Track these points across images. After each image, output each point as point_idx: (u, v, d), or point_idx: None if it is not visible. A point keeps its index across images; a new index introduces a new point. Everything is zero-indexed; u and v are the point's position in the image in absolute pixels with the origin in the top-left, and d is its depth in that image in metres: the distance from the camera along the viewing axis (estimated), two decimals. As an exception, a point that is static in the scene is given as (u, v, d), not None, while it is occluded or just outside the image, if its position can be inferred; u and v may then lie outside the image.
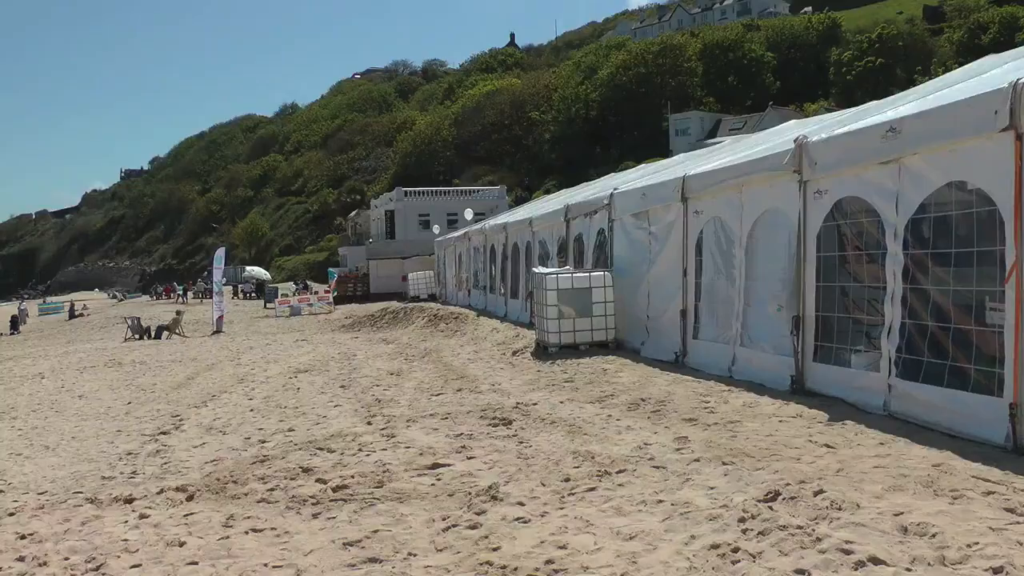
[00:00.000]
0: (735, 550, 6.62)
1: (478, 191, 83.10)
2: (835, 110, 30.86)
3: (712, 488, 8.20)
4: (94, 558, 8.16)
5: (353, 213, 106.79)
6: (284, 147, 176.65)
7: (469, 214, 50.65)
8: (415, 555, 7.32)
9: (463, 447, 10.88)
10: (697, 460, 9.25)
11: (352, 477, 9.85)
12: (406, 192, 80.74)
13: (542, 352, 19.36)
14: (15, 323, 60.52)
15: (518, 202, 74.09)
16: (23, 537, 9.05)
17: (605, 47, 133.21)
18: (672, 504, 7.85)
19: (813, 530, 6.74)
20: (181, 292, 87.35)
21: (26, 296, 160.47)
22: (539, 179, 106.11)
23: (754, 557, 6.48)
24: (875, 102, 15.92)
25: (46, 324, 67.76)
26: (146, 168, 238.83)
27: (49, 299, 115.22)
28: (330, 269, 73.84)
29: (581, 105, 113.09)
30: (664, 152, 79.46)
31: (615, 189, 20.69)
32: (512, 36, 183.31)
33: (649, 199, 18.40)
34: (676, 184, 16.83)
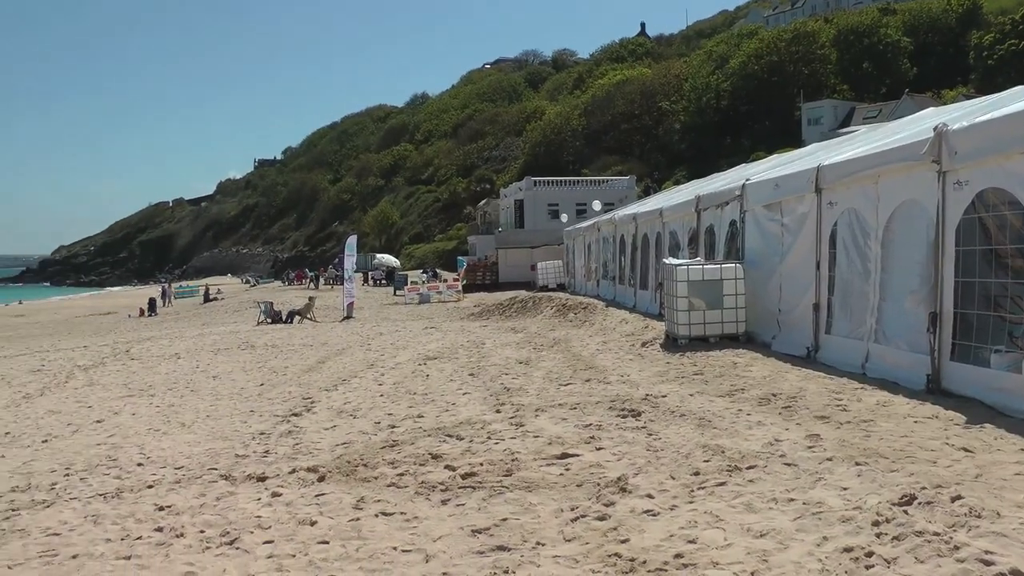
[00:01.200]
0: (869, 554, 6.49)
1: (607, 181, 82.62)
2: (975, 97, 29.89)
3: (845, 489, 8.05)
4: (228, 532, 8.37)
5: (482, 202, 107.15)
6: (414, 136, 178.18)
7: (598, 205, 50.57)
8: (543, 544, 7.34)
9: (592, 437, 10.88)
10: (830, 459, 9.08)
11: (481, 465, 9.92)
12: (535, 182, 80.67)
13: (671, 344, 19.23)
14: (153, 305, 62.25)
15: (647, 193, 73.63)
16: (161, 509, 9.35)
17: (737, 35, 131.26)
18: (804, 503, 7.73)
19: (951, 538, 6.56)
20: (313, 278, 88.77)
21: (164, 280, 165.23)
22: (668, 169, 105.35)
23: (888, 563, 6.34)
24: (1019, 87, 15.42)
25: (182, 307, 69.59)
26: (279, 158, 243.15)
27: (184, 283, 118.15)
28: (459, 257, 74.23)
29: (712, 95, 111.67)
30: (796, 142, 77.97)
31: (747, 179, 20.41)
32: (643, 25, 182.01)
33: (782, 190, 18.12)
34: (810, 175, 16.54)
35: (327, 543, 7.83)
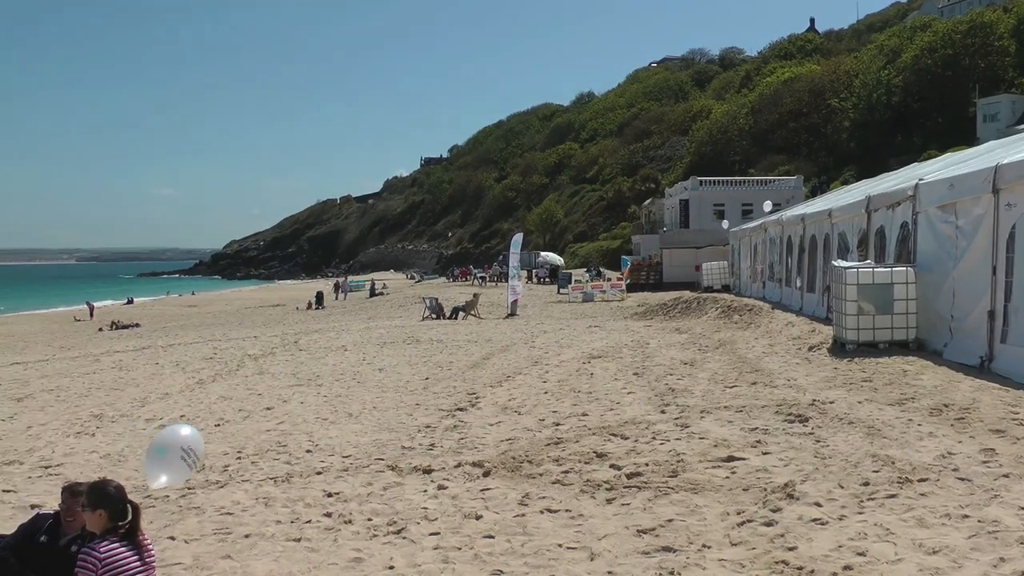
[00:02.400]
0: (1047, 578, 6.27)
1: (773, 181, 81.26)
2: None
3: (1023, 508, 7.78)
4: (395, 522, 8.55)
5: (647, 201, 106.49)
6: (580, 135, 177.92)
7: (768, 206, 49.66)
8: (709, 547, 7.30)
9: (758, 441, 10.74)
10: (1006, 476, 8.76)
11: (646, 465, 9.89)
12: (701, 181, 79.87)
13: (839, 349, 18.81)
14: (320, 298, 63.68)
15: (814, 193, 72.18)
16: (329, 495, 9.60)
17: (909, 28, 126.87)
18: (979, 521, 7.48)
19: None
20: (478, 275, 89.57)
21: (330, 273, 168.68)
22: (836, 169, 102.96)
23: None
24: None
25: (349, 301, 70.99)
26: (445, 156, 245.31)
27: (351, 278, 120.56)
28: (623, 257, 73.99)
29: (882, 91, 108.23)
30: (970, 140, 75.18)
31: (920, 179, 19.80)
32: (812, 21, 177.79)
33: (957, 190, 17.51)
34: (987, 174, 15.94)
35: (492, 537, 7.92)
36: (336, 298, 74.54)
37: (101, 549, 6.11)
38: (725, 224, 58.04)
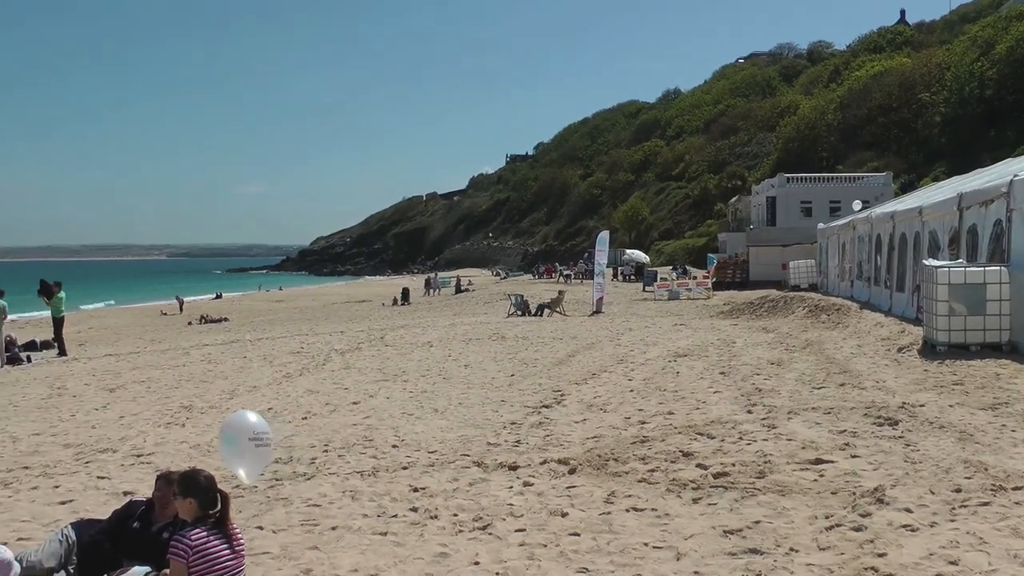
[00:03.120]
0: None
1: (862, 178, 79.96)
2: None
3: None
4: (481, 518, 8.57)
5: (734, 199, 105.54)
6: (666, 132, 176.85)
7: (857, 204, 48.91)
8: (797, 551, 7.22)
9: (846, 444, 10.60)
10: (1106, 484, 8.56)
11: (733, 465, 9.82)
12: (788, 178, 78.97)
13: (929, 350, 18.48)
14: (406, 295, 64.04)
15: (904, 190, 70.96)
16: (416, 490, 9.67)
17: (1004, 18, 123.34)
18: (1079, 533, 7.31)
19: None
20: (563, 272, 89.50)
21: (416, 270, 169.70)
22: (927, 165, 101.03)
23: None
24: None
25: (434, 297, 71.34)
26: (530, 153, 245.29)
27: (441, 274, 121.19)
28: (709, 255, 73.39)
29: (975, 84, 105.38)
30: (1068, 135, 73.32)
31: (1015, 176, 19.34)
32: (902, 13, 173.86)
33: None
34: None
35: (578, 535, 7.92)
36: (426, 294, 74.89)
37: (192, 536, 6.24)
38: (820, 225, 57.42)
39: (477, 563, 7.44)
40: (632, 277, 76.10)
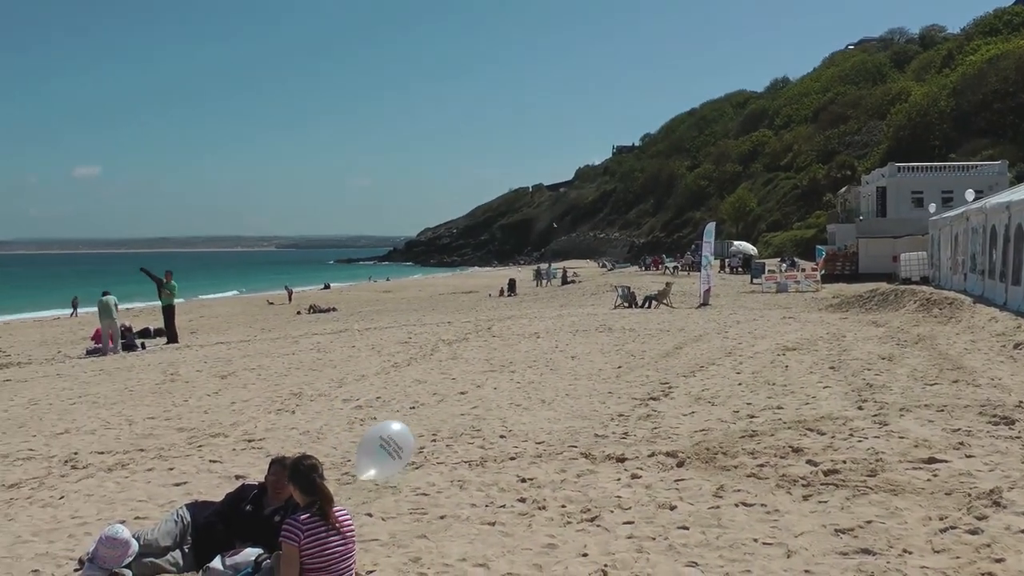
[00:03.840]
0: None
1: (976, 167, 77.98)
2: None
3: None
4: (589, 509, 8.59)
5: (843, 189, 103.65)
6: (774, 122, 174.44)
7: (970, 195, 47.86)
8: (910, 553, 7.09)
9: (961, 443, 10.36)
10: None
11: (844, 462, 9.68)
12: (899, 168, 77.42)
13: (1048, 347, 18.04)
14: (513, 286, 64.20)
15: (1020, 179, 69.06)
16: (523, 480, 9.72)
17: None
18: None
19: None
20: (670, 264, 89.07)
21: (522, 261, 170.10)
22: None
23: None
24: None
25: (541, 288, 71.41)
26: (637, 144, 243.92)
27: (542, 266, 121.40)
28: (818, 247, 72.44)
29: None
30: None
31: None
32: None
33: None
34: None
35: (687, 528, 7.89)
36: (538, 284, 74.88)
37: (304, 520, 6.38)
38: (932, 208, 56.26)
39: (585, 555, 7.45)
40: (739, 269, 75.32)
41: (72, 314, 59.42)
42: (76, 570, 7.78)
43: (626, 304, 40.91)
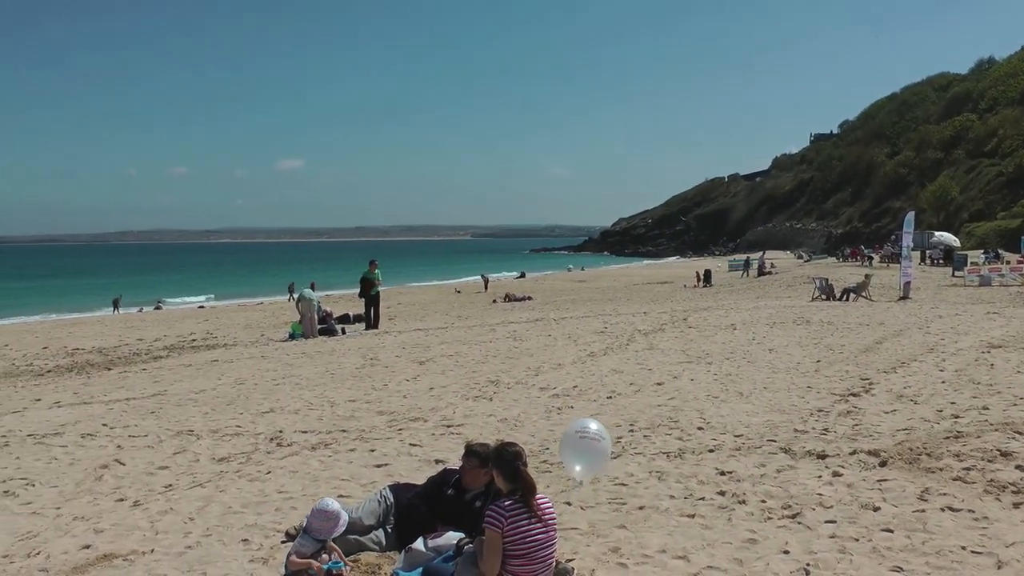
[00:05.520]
0: None
1: None
2: None
3: None
4: (789, 506, 8.55)
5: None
6: (978, 105, 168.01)
7: None
8: None
9: None
10: None
11: (1058, 470, 9.35)
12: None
13: None
14: (708, 276, 63.57)
15: None
16: (722, 474, 9.73)
17: None
18: None
19: None
20: (868, 255, 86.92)
21: (717, 252, 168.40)
22: None
23: None
24: None
25: (734, 280, 70.55)
26: (835, 131, 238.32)
27: (735, 256, 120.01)
28: (1023, 237, 69.71)
29: None
30: None
31: None
32: None
33: None
34: None
35: (891, 531, 7.76)
36: (745, 275, 73.88)
37: (507, 507, 6.50)
38: None
39: (787, 552, 7.41)
40: (940, 261, 72.94)
41: (289, 299, 61.82)
42: (283, 542, 8.15)
43: (824, 296, 40.16)
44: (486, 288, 69.43)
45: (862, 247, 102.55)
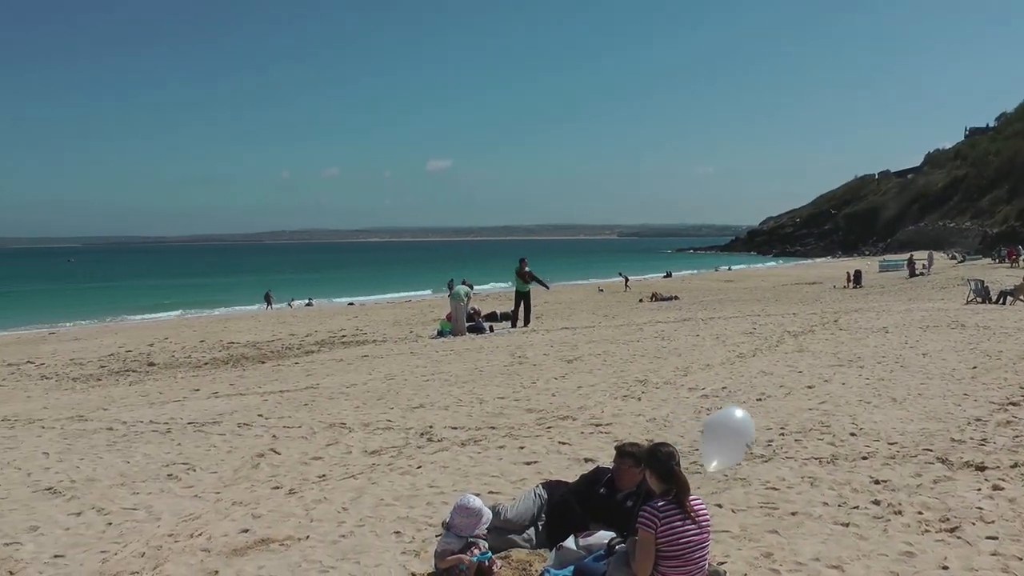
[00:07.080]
0: None
1: None
2: None
3: None
4: (948, 519, 8.30)
5: None
6: None
7: None
8: None
9: None
10: None
11: None
12: None
13: None
14: (858, 277, 62.17)
15: None
16: (877, 482, 9.52)
17: None
18: None
19: None
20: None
21: (867, 252, 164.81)
22: None
23: None
24: None
25: (886, 280, 68.96)
26: (992, 125, 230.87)
27: (886, 257, 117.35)
28: None
29: None
30: None
31: None
32: None
33: None
34: None
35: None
36: (912, 276, 72.04)
37: (661, 508, 6.47)
38: None
39: (945, 567, 7.17)
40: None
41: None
42: (437, 536, 8.25)
43: (979, 299, 38.96)
44: (626, 287, 69.33)
45: (1020, 247, 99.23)
